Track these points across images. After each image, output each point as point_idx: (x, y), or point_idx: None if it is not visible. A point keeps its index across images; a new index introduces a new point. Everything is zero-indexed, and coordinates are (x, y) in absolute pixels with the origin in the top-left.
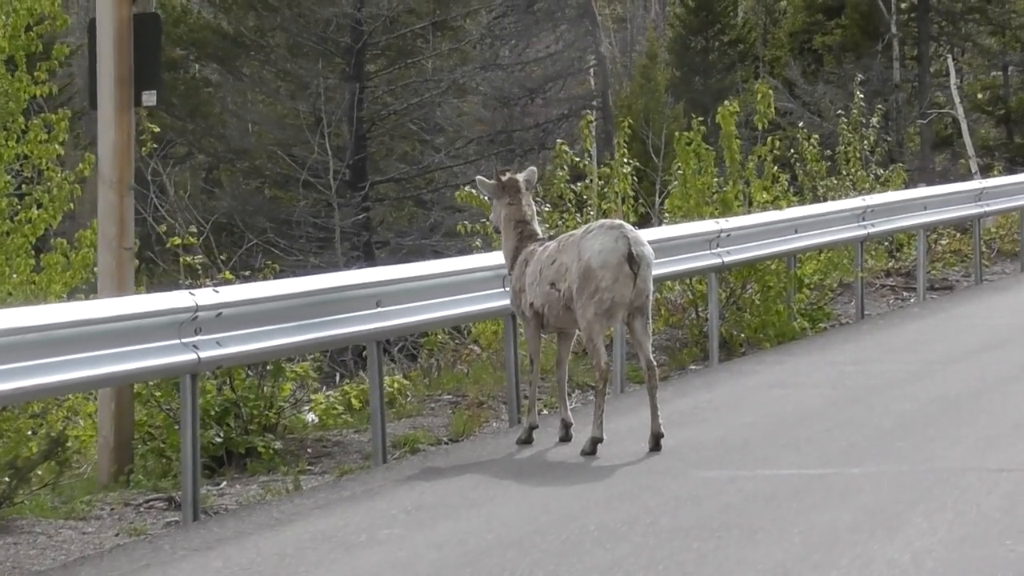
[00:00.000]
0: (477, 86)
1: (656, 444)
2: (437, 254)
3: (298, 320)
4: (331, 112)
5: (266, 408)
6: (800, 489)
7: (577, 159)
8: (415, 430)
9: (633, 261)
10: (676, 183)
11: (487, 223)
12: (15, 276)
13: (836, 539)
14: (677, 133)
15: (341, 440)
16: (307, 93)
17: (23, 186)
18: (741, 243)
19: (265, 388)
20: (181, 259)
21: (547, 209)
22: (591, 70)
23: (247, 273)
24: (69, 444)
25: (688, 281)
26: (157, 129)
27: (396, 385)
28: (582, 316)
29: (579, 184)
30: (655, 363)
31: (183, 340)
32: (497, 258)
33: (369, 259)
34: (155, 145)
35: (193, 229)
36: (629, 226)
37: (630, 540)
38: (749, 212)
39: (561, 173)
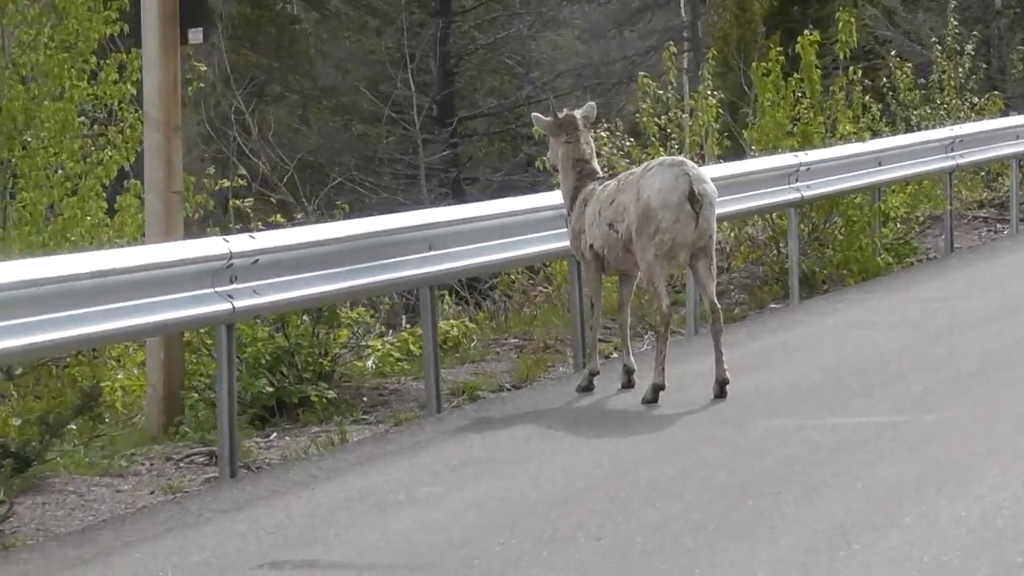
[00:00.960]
0: (566, 19)
1: (722, 391)
2: (531, 188)
3: (341, 266)
4: (417, 47)
5: (321, 355)
6: (868, 439)
7: (660, 91)
8: (476, 376)
9: (695, 199)
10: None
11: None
12: (88, 218)
13: (902, 495)
14: (755, 63)
15: (399, 388)
16: (393, 29)
17: (95, 126)
18: (821, 177)
19: (320, 334)
20: (231, 202)
21: (630, 143)
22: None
23: (332, 212)
24: (112, 396)
25: (769, 216)
26: (204, 68)
27: (459, 329)
28: (642, 258)
29: (663, 117)
30: (719, 306)
31: (217, 289)
32: (554, 198)
33: (458, 196)
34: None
35: (242, 172)
36: (691, 163)
37: (682, 497)
38: (832, 144)
39: (644, 106)
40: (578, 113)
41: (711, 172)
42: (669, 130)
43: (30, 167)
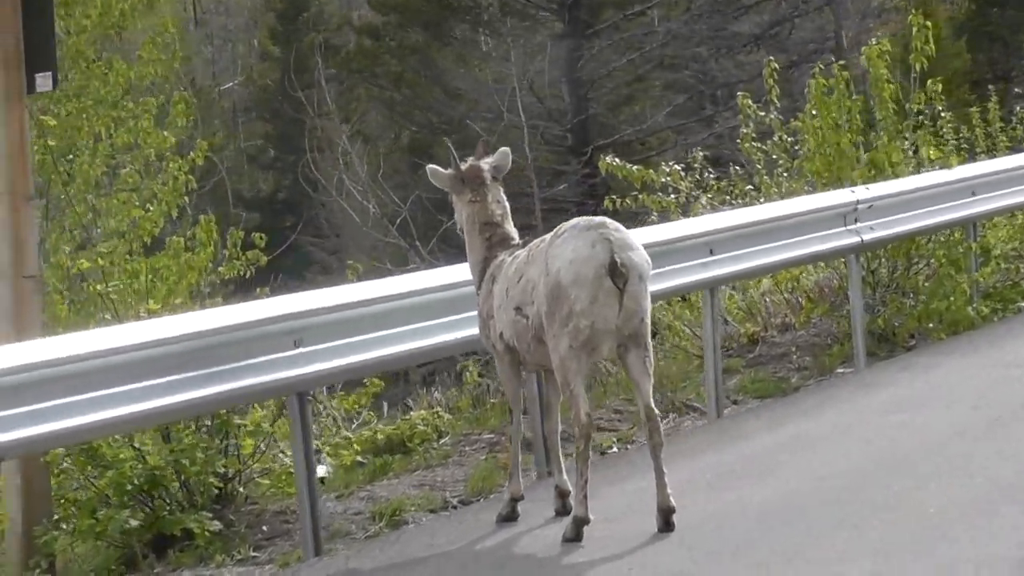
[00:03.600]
0: (701, 37)
1: (666, 523)
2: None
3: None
4: (547, 73)
5: (210, 474)
6: None
7: (762, 113)
8: (419, 488)
9: (617, 272)
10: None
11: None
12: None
13: None
14: (813, 79)
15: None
16: (520, 54)
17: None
18: (889, 214)
19: (211, 447)
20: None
21: (737, 170)
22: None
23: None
24: None
25: (836, 263)
26: (53, 123)
27: (429, 423)
28: (554, 350)
29: (768, 142)
30: (657, 413)
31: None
32: None
33: None
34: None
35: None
36: (614, 224)
37: None
38: (907, 174)
39: (746, 131)
40: (485, 163)
41: (750, 215)
42: (774, 155)
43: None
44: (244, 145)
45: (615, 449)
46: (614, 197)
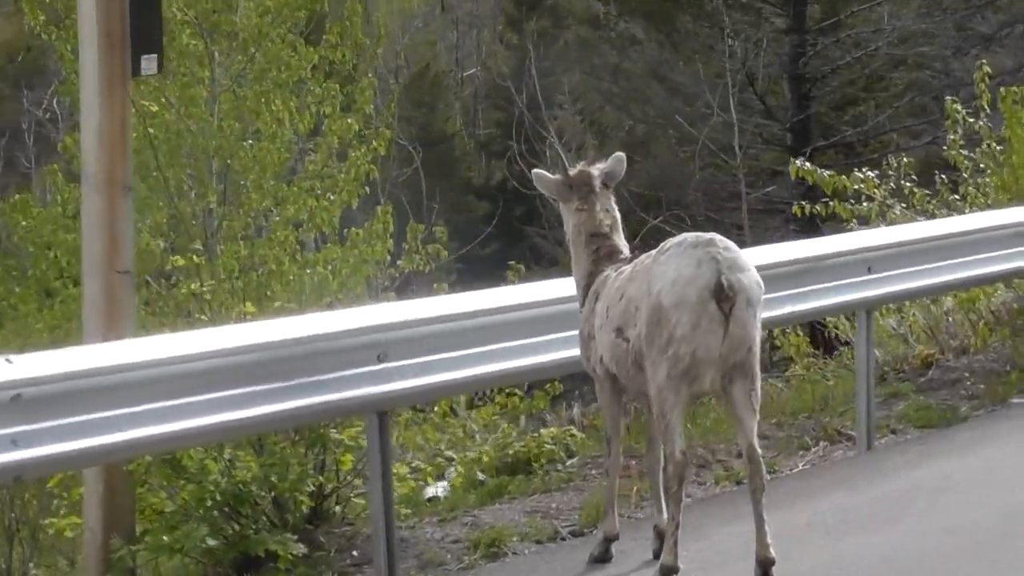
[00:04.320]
0: (931, 35)
1: (764, 575)
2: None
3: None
4: (766, 70)
5: (298, 491)
6: None
7: (971, 119)
8: (530, 515)
9: (724, 296)
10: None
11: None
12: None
13: None
14: (1003, 89)
15: (408, 536)
16: (740, 49)
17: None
18: None
19: (301, 463)
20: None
21: (943, 179)
22: None
23: None
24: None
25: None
26: (155, 108)
27: (558, 440)
28: (652, 379)
29: (976, 150)
30: (760, 453)
31: None
32: None
33: (812, 232)
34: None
35: (198, 246)
36: (724, 241)
37: None
38: None
39: (953, 137)
40: (595, 169)
41: (913, 231)
42: (983, 164)
43: (228, 216)
44: (481, 133)
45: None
46: (802, 203)
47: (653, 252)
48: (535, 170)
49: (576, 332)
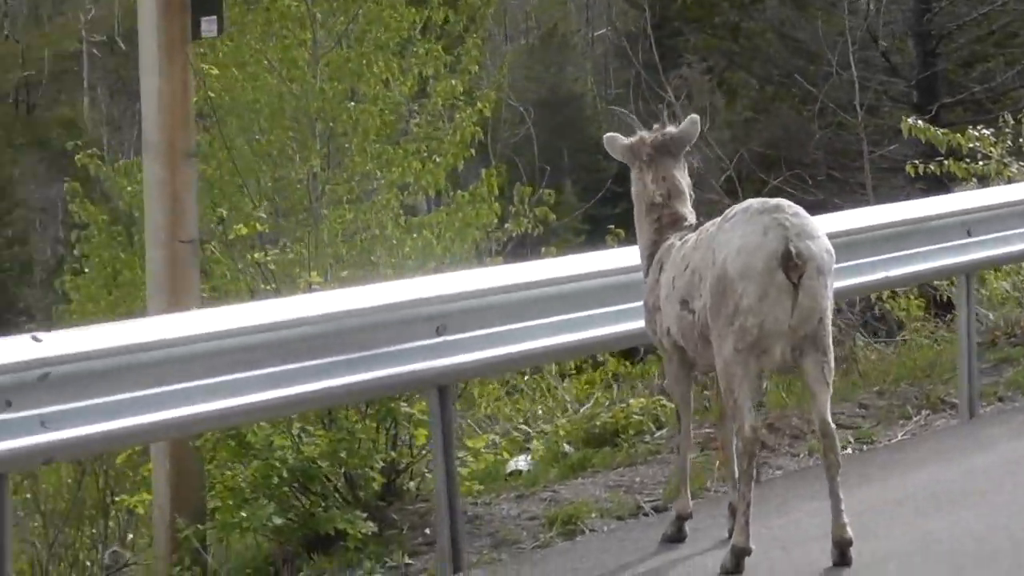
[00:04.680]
0: None
1: (842, 557)
2: None
3: None
4: (891, 26)
5: (369, 467)
6: None
7: None
8: (612, 490)
9: (792, 264)
10: None
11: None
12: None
13: None
14: None
15: (484, 513)
16: (863, 5)
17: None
18: None
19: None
20: (250, 255)
21: None
22: None
23: None
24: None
25: None
26: (215, 71)
27: (647, 410)
28: (718, 352)
29: None
30: (833, 428)
31: None
32: None
33: (939, 191)
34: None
35: (262, 215)
36: (793, 207)
37: None
38: None
39: None
40: (655, 134)
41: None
42: None
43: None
44: (611, 92)
45: (850, 451)
46: (916, 162)
47: (718, 219)
48: (606, 135)
49: (640, 303)
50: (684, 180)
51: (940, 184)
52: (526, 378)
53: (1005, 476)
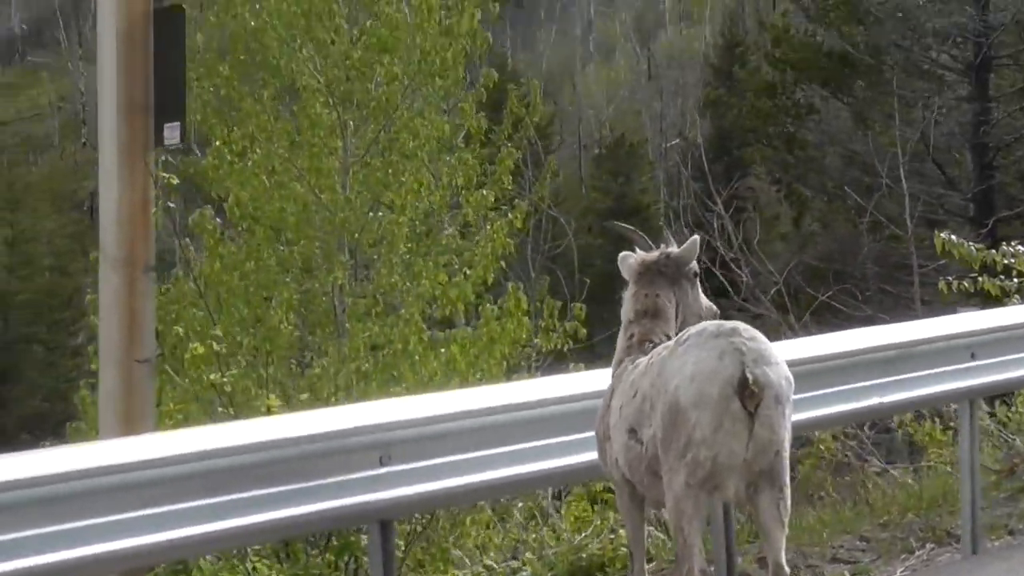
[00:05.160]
0: None
1: None
2: None
3: None
4: (947, 138)
5: None
6: None
7: None
8: None
9: (748, 392)
10: None
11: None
12: None
13: None
14: None
15: None
16: (916, 118)
17: None
18: None
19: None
20: (206, 377)
21: None
22: None
23: None
24: None
25: None
26: (176, 181)
27: None
28: (668, 486)
29: None
30: (787, 570)
31: None
32: None
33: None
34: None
35: (218, 333)
36: (750, 331)
37: None
38: None
39: None
40: (644, 255)
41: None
42: None
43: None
44: (680, 203)
45: None
46: (949, 279)
47: (671, 343)
48: (621, 253)
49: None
50: (673, 303)
51: (994, 302)
52: (519, 505)
53: None
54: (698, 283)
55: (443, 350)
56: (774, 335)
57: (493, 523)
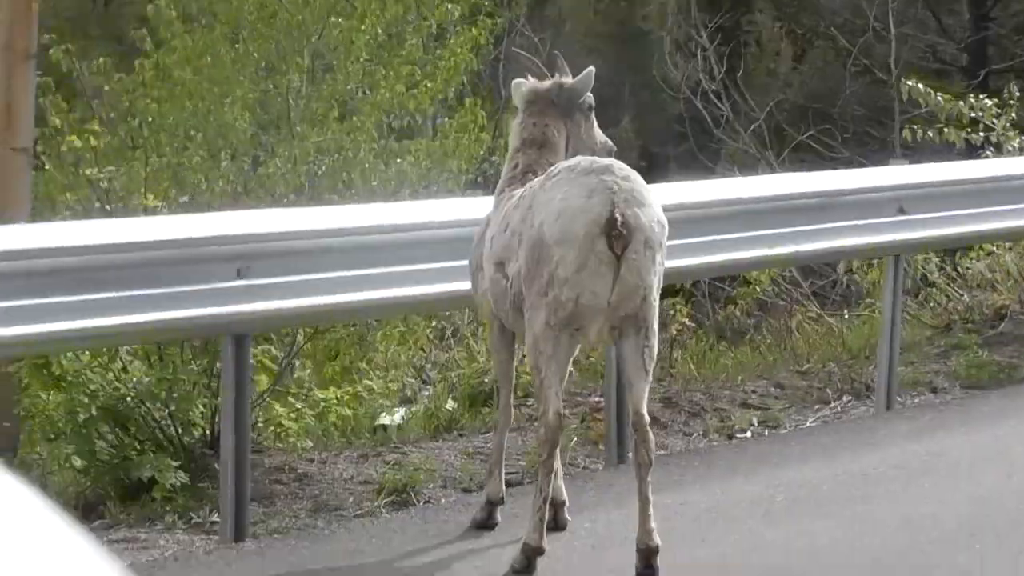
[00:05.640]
0: None
1: (645, 565)
2: None
3: None
4: None
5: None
6: None
7: None
8: (474, 457)
9: (615, 233)
10: None
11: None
12: None
13: None
14: None
15: (321, 470)
16: None
17: None
18: None
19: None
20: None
21: None
22: None
23: None
24: None
25: None
26: None
27: None
28: (528, 325)
29: None
30: (647, 420)
31: None
32: None
33: (972, 157)
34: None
35: (95, 127)
36: (624, 170)
37: None
38: None
39: None
40: (537, 83)
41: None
42: None
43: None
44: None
45: (749, 434)
46: (914, 127)
47: (542, 177)
48: (515, 80)
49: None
50: (563, 135)
51: (974, 151)
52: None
53: (879, 483)
54: (593, 116)
55: (398, 160)
56: (751, 171)
57: (404, 339)
